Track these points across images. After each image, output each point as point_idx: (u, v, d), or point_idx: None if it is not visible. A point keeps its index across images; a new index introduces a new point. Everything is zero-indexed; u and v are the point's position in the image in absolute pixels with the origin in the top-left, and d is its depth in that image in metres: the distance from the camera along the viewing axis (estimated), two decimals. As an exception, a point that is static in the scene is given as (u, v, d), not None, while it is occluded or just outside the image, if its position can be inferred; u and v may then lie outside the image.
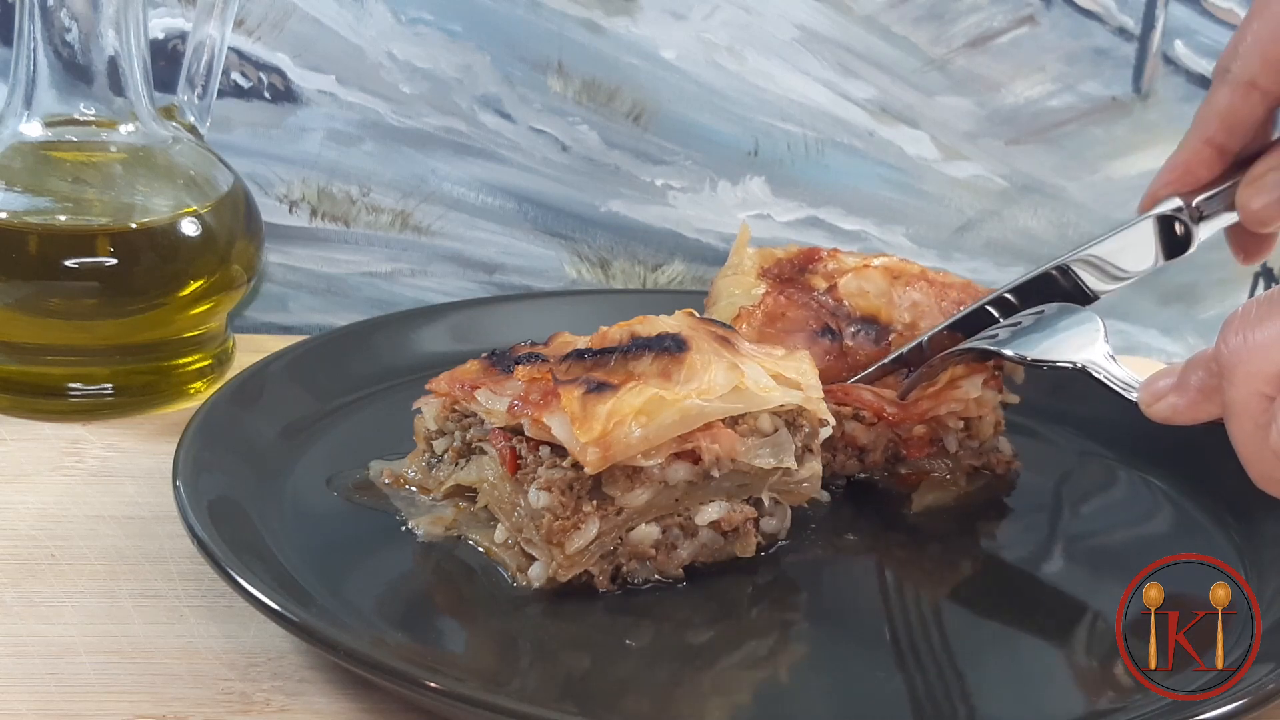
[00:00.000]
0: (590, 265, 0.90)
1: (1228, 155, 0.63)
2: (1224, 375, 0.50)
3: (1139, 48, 0.89)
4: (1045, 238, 0.92)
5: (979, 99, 0.90)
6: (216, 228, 0.72)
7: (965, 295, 0.69)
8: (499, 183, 0.88)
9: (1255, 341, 0.48)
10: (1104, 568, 0.62)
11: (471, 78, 0.85)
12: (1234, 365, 0.49)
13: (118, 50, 0.69)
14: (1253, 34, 0.61)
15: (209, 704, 0.50)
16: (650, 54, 0.86)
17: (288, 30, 0.83)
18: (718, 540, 0.58)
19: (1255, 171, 0.62)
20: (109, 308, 0.69)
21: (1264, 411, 0.49)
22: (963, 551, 0.63)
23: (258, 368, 0.69)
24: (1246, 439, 0.50)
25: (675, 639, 0.54)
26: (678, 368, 0.56)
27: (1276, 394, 0.48)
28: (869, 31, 0.88)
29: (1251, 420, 0.49)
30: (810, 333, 0.66)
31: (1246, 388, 0.49)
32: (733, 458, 0.56)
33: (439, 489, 0.61)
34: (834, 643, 0.54)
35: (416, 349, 0.75)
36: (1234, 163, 0.63)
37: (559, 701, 0.50)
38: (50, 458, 0.67)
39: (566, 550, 0.55)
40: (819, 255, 0.71)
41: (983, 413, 0.66)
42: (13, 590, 0.56)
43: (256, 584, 0.51)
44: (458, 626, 0.56)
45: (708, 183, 0.89)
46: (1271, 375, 0.48)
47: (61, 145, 0.71)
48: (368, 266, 0.88)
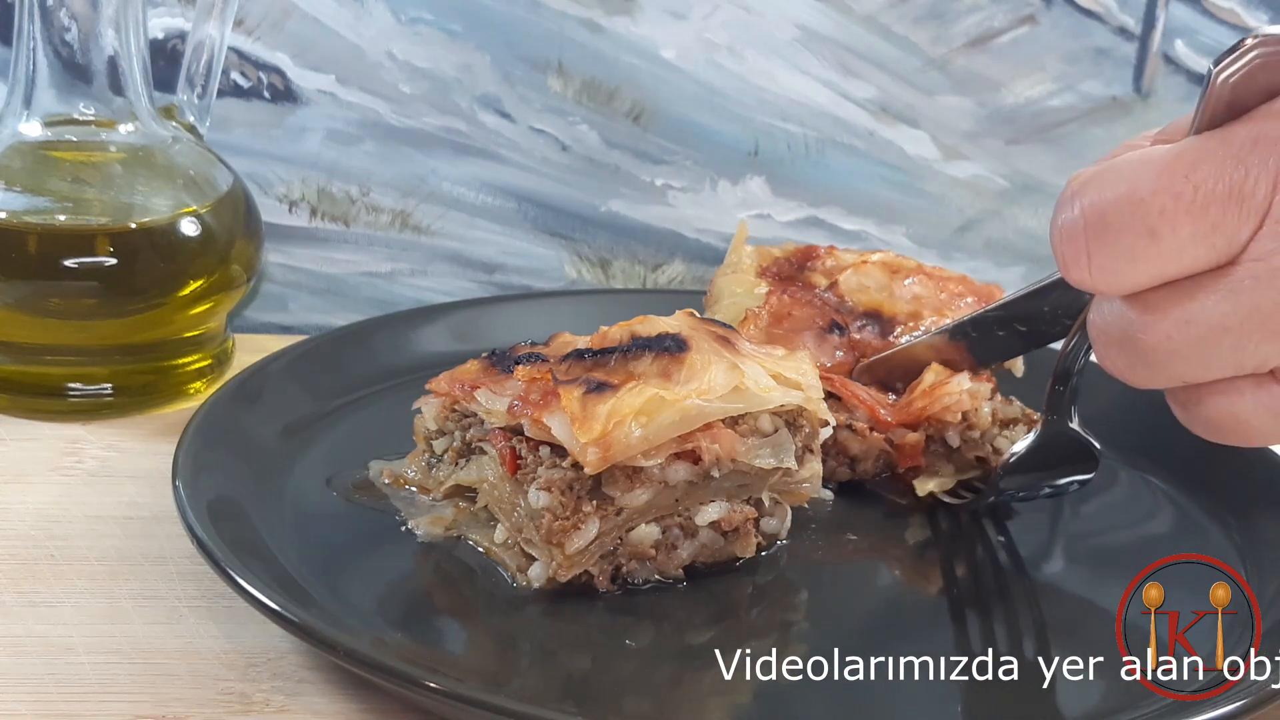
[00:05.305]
0: (590, 265, 0.90)
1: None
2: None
3: (1139, 47, 0.89)
4: (1045, 238, 0.91)
5: (979, 99, 0.90)
6: (216, 227, 0.72)
7: (965, 287, 0.69)
8: (499, 182, 0.88)
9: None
10: (1104, 568, 0.62)
11: (471, 77, 0.85)
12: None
13: (117, 50, 0.69)
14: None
15: (209, 704, 0.50)
16: (650, 54, 0.86)
17: (287, 30, 0.83)
18: (718, 540, 0.58)
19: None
20: (108, 307, 0.69)
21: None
22: (963, 552, 0.63)
23: (257, 368, 0.69)
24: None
25: (675, 639, 0.54)
26: (678, 368, 0.56)
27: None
28: (869, 31, 0.88)
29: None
30: (818, 330, 0.67)
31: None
32: (733, 458, 0.56)
33: (439, 489, 0.61)
34: (834, 643, 0.54)
35: (416, 349, 0.75)
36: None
37: (559, 701, 0.50)
38: (49, 458, 0.66)
39: (566, 550, 0.54)
40: (816, 253, 0.72)
41: (977, 404, 0.66)
42: (12, 590, 0.56)
43: (256, 584, 0.51)
44: (458, 626, 0.56)
45: (708, 183, 0.89)
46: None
47: (61, 145, 0.71)
48: (368, 266, 0.88)
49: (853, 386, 0.66)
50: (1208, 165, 0.39)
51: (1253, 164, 0.39)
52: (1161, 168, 0.39)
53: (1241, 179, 0.39)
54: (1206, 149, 0.39)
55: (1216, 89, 0.39)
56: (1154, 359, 0.42)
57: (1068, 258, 0.42)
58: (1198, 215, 0.39)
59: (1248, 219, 0.39)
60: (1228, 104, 0.39)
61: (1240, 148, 0.39)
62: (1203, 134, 0.40)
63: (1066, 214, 0.42)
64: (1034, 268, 0.92)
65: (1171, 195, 0.39)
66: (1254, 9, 0.89)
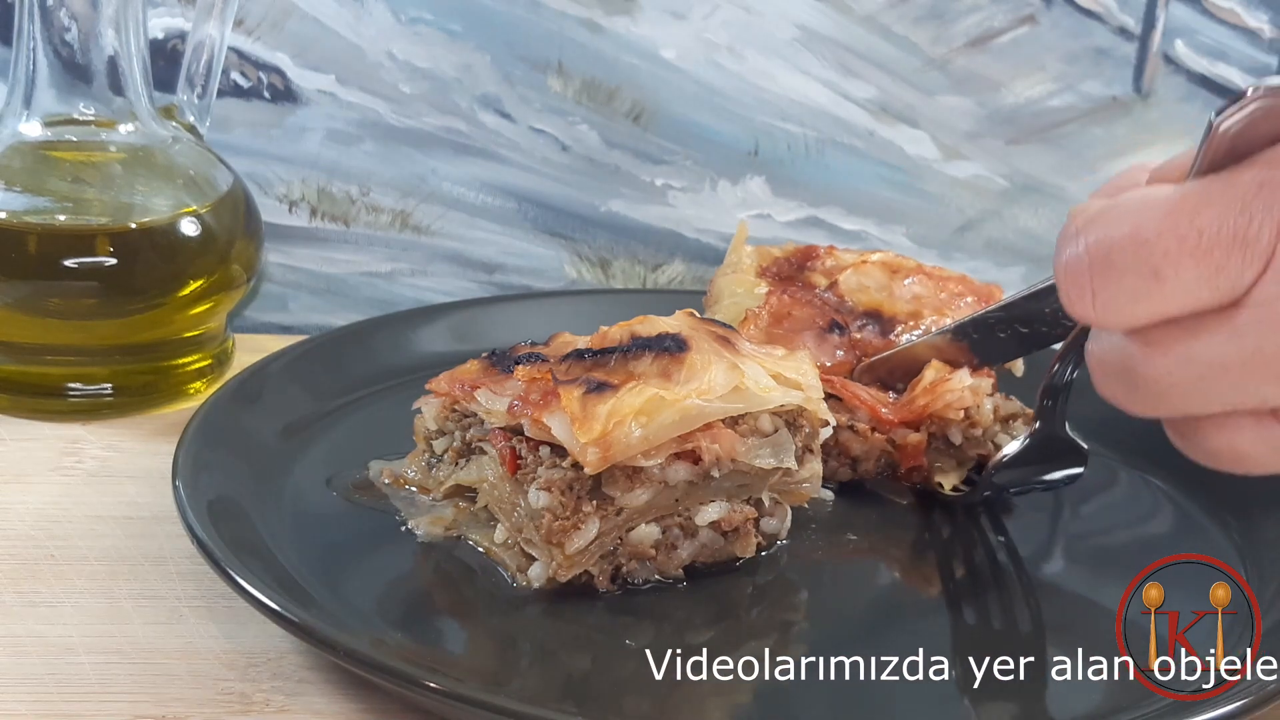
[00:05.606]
0: (590, 265, 0.90)
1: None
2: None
3: (1139, 47, 0.89)
4: (1045, 238, 0.92)
5: (979, 99, 0.90)
6: (216, 227, 0.72)
7: (965, 287, 0.69)
8: (499, 182, 0.88)
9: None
10: (1104, 568, 0.62)
11: (471, 77, 0.85)
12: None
13: (117, 50, 0.69)
14: None
15: (209, 704, 0.50)
16: (650, 54, 0.86)
17: (288, 30, 0.83)
18: (718, 540, 0.58)
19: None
20: (108, 307, 0.69)
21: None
22: (963, 552, 0.63)
23: (257, 368, 0.69)
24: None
25: (675, 639, 0.54)
26: (678, 368, 0.56)
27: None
28: (869, 31, 0.88)
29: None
30: (818, 330, 0.67)
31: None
32: (733, 458, 0.56)
33: (439, 489, 0.61)
34: (834, 643, 0.54)
35: (416, 349, 0.75)
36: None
37: (559, 701, 0.50)
38: (49, 458, 0.66)
39: (566, 550, 0.54)
40: (816, 253, 0.72)
41: (979, 400, 0.66)
42: (12, 590, 0.56)
43: (256, 584, 0.51)
44: (458, 626, 0.56)
45: (708, 183, 0.89)
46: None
47: (61, 145, 0.71)
48: (368, 266, 0.88)
49: (854, 387, 0.66)
50: (1212, 210, 0.39)
51: (1257, 210, 0.39)
52: (1166, 210, 0.40)
53: (1246, 225, 0.39)
54: (1211, 193, 0.40)
55: (1217, 138, 0.39)
56: (1154, 392, 0.42)
57: (1072, 294, 0.42)
58: (1202, 259, 0.40)
59: (1251, 264, 0.39)
60: (1228, 150, 0.40)
61: (1245, 193, 0.39)
62: (1208, 177, 0.40)
63: (1071, 250, 0.42)
64: (1034, 268, 0.92)
65: (1176, 238, 0.40)
66: (1254, 9, 0.89)
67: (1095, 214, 0.42)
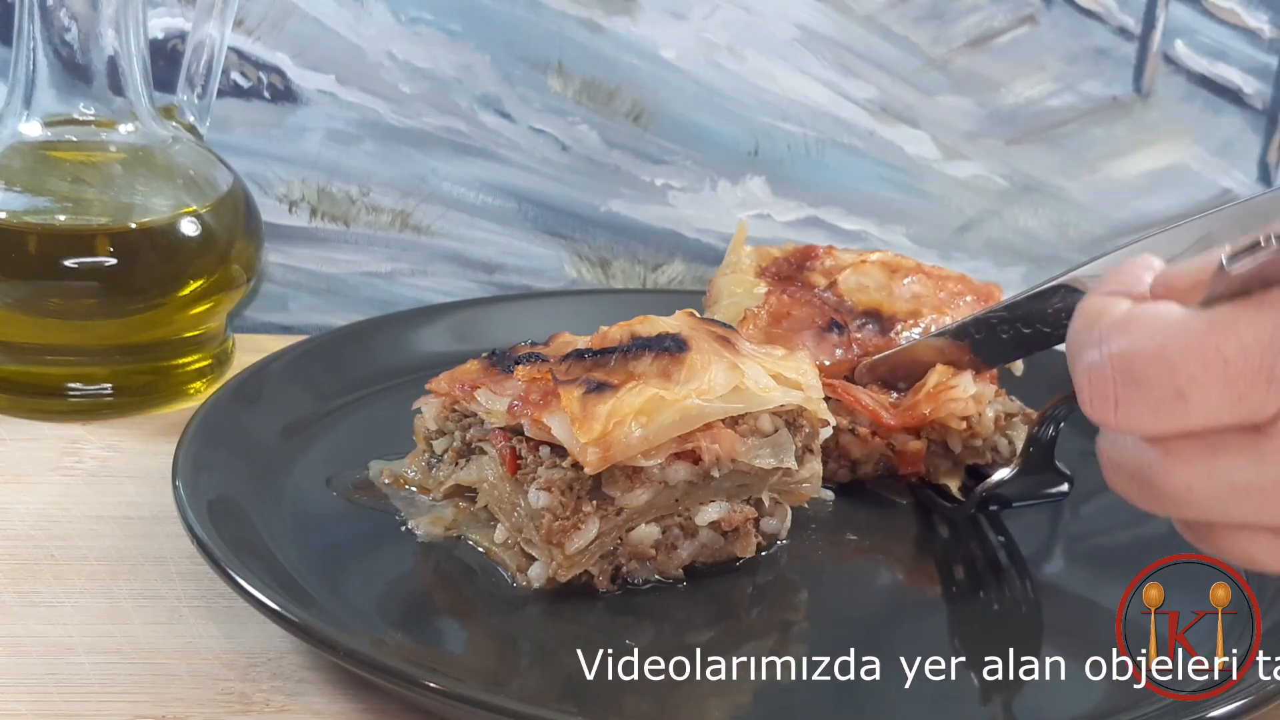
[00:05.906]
0: (590, 265, 0.90)
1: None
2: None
3: (1139, 47, 0.89)
4: (1045, 238, 0.92)
5: (979, 99, 0.90)
6: (216, 227, 0.72)
7: (964, 286, 0.69)
8: (499, 182, 0.88)
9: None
10: (1104, 568, 0.62)
11: (471, 77, 0.85)
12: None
13: (117, 50, 0.69)
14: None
15: (209, 704, 0.50)
16: (650, 54, 0.86)
17: (288, 30, 0.83)
18: (718, 540, 0.58)
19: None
20: (108, 307, 0.69)
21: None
22: (963, 552, 0.63)
23: (257, 368, 0.69)
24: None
25: (675, 639, 0.54)
26: (678, 368, 0.56)
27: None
28: (869, 31, 0.88)
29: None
30: (817, 329, 0.67)
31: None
32: (733, 458, 0.56)
33: (439, 489, 0.61)
34: (834, 643, 0.54)
35: (416, 349, 0.75)
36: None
37: (559, 701, 0.50)
38: (49, 458, 0.66)
39: (566, 550, 0.54)
40: (815, 253, 0.72)
41: (981, 409, 0.66)
42: (12, 590, 0.56)
43: (256, 584, 0.51)
44: (458, 626, 0.56)
45: (708, 183, 0.89)
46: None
47: (61, 145, 0.71)
48: (368, 266, 0.88)
49: (855, 391, 0.66)
50: (1237, 340, 0.40)
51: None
52: (1192, 335, 0.40)
53: (1272, 360, 0.39)
54: (1237, 324, 0.40)
55: (1229, 279, 0.40)
56: (1170, 500, 0.43)
57: (1094, 400, 0.42)
58: (1227, 386, 0.40)
59: (1276, 395, 0.40)
60: (1240, 287, 0.40)
61: (1270, 328, 0.39)
62: (1235, 304, 0.40)
63: (1093, 356, 0.42)
64: (1034, 268, 0.92)
65: (1201, 364, 0.40)
66: (1254, 9, 0.89)
67: (1118, 322, 0.42)
